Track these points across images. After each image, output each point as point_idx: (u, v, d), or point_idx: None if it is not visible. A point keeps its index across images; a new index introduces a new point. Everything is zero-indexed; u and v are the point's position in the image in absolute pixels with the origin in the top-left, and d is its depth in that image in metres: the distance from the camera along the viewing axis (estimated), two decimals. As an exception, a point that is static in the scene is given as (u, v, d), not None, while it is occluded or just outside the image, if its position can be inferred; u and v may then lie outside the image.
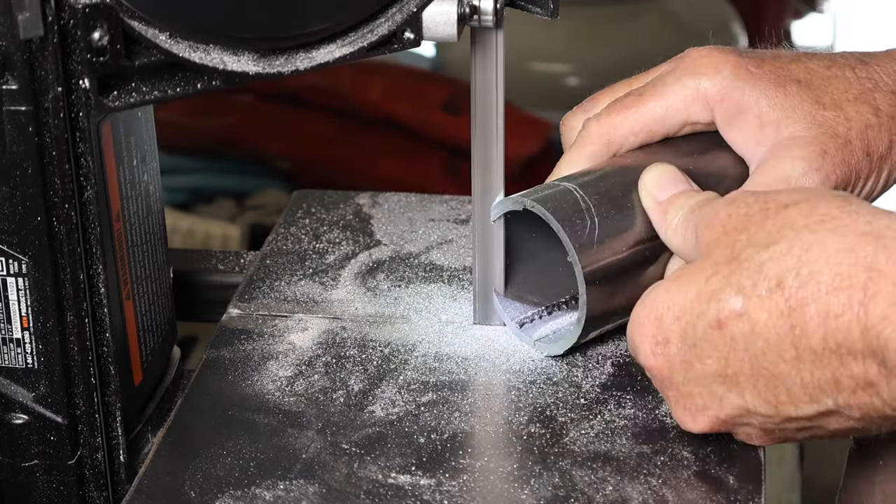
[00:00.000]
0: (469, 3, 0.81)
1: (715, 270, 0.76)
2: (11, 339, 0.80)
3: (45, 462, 0.82)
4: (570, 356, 0.89)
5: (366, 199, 1.07)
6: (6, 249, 0.78)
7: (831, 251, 0.72)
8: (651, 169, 0.87)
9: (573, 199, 0.86)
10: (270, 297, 0.96)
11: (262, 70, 0.78)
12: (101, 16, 0.73)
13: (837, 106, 0.88)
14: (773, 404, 0.75)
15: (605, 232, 0.85)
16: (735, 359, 0.75)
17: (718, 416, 0.78)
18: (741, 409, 0.77)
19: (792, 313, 0.72)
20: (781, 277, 0.73)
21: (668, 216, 0.84)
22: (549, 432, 0.82)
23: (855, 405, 0.73)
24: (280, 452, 0.81)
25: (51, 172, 0.76)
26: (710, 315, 0.75)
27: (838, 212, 0.74)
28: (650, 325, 0.78)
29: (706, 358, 0.76)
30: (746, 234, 0.76)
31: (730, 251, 0.76)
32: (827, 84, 0.89)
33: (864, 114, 0.88)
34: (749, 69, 0.89)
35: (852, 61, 0.91)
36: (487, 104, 0.87)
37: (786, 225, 0.75)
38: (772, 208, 0.76)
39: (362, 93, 2.31)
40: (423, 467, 0.79)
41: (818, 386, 0.73)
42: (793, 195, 0.77)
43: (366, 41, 0.80)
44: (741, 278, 0.74)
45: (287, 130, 2.36)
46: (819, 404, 0.74)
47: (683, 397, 0.79)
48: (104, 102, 0.75)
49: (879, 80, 0.90)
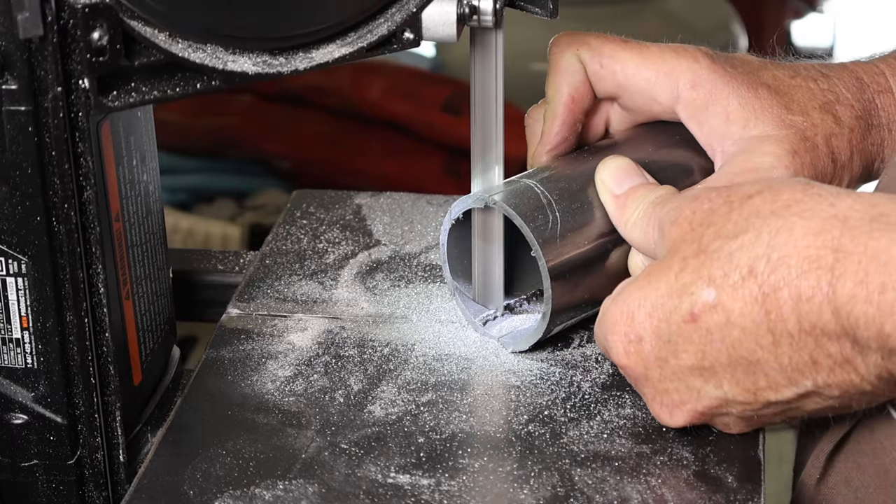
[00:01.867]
0: (468, 4, 0.81)
1: (683, 265, 0.77)
2: (11, 339, 0.80)
3: (45, 462, 0.82)
4: (570, 356, 0.89)
5: (365, 199, 1.07)
6: (6, 249, 0.78)
7: (799, 235, 0.73)
8: (606, 163, 0.88)
9: (534, 196, 0.87)
10: (270, 297, 0.96)
11: (261, 70, 0.78)
12: (101, 16, 0.73)
13: (804, 112, 0.90)
14: (752, 391, 0.76)
15: (567, 227, 0.87)
16: (711, 350, 0.76)
17: (696, 409, 0.79)
18: (719, 399, 0.77)
19: (766, 299, 0.73)
20: (752, 265, 0.74)
21: (626, 210, 0.85)
22: (549, 432, 0.82)
23: (834, 384, 0.74)
24: (279, 452, 0.81)
25: (50, 172, 0.76)
26: (683, 309, 0.76)
27: (801, 195, 0.75)
28: (622, 324, 0.79)
29: (681, 352, 0.77)
30: (713, 227, 0.77)
31: (697, 245, 0.77)
32: (794, 91, 0.91)
33: (827, 122, 0.91)
34: (724, 68, 0.91)
35: (814, 73, 0.93)
36: (487, 104, 0.87)
37: (752, 213, 0.75)
38: (735, 201, 0.77)
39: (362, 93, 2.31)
40: (423, 467, 0.80)
41: (797, 368, 0.74)
42: (754, 186, 0.78)
43: (365, 41, 0.80)
44: (712, 270, 0.75)
45: (287, 130, 2.36)
46: (798, 386, 0.75)
47: (660, 394, 0.79)
48: (104, 102, 0.75)
49: (840, 93, 0.92)
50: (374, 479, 0.79)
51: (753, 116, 0.90)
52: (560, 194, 0.87)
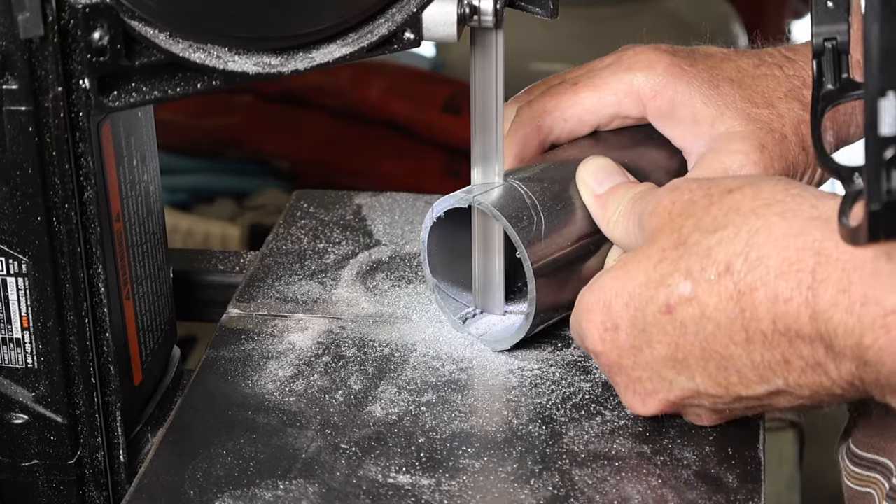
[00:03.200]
0: (469, 4, 0.81)
1: (662, 256, 0.77)
2: (11, 339, 0.80)
3: (45, 462, 0.82)
4: (570, 356, 0.89)
5: (365, 199, 1.07)
6: (6, 249, 0.78)
7: (779, 235, 0.73)
8: (588, 162, 0.88)
9: (518, 196, 0.87)
10: (270, 297, 0.96)
11: (261, 70, 0.78)
12: (102, 16, 0.73)
13: (769, 104, 0.91)
14: (724, 385, 0.76)
15: (551, 227, 0.87)
16: (685, 343, 0.76)
17: (668, 398, 0.79)
18: (691, 391, 0.78)
19: (741, 297, 0.73)
20: (730, 262, 0.74)
21: (608, 209, 0.86)
22: (549, 432, 0.82)
23: (805, 384, 0.74)
24: (280, 452, 0.81)
25: (51, 172, 0.76)
26: (659, 300, 0.76)
27: (783, 195, 0.75)
28: (598, 312, 0.79)
29: (656, 343, 0.77)
30: (693, 219, 0.77)
31: (676, 236, 0.77)
32: (757, 83, 0.92)
33: (795, 110, 0.91)
34: (682, 67, 0.91)
35: (779, 59, 0.94)
36: (487, 104, 0.87)
37: (731, 209, 0.76)
38: (715, 194, 0.77)
39: (362, 93, 2.31)
40: (423, 467, 0.80)
41: (768, 367, 0.74)
42: (735, 180, 0.78)
43: (366, 41, 0.80)
44: (689, 263, 0.75)
45: (287, 130, 2.36)
46: (769, 384, 0.75)
47: (633, 382, 0.80)
48: (104, 102, 0.75)
49: (806, 76, 0.93)
50: (374, 479, 0.79)
51: (719, 113, 0.90)
52: (543, 194, 0.88)
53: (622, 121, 0.93)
